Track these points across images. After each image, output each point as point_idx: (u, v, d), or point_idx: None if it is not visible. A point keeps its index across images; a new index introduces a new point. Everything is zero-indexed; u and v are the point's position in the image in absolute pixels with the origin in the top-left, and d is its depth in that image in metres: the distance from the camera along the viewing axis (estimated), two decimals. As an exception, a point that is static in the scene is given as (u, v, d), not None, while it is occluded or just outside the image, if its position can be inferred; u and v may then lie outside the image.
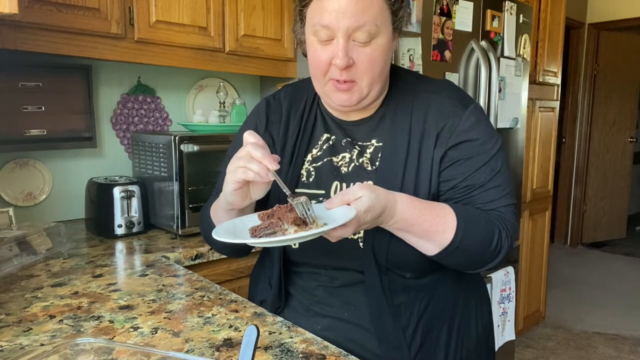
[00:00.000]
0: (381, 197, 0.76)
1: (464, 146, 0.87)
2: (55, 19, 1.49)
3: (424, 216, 0.81)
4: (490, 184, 0.87)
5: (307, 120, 0.98)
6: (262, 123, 1.01)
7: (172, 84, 2.14)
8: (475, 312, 1.00)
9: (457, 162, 0.87)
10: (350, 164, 0.93)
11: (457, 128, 0.87)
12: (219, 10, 1.89)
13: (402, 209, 0.79)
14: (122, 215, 1.64)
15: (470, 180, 0.87)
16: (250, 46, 2.02)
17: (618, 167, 5.14)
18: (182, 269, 1.31)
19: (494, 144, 0.89)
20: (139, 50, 1.71)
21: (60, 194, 1.84)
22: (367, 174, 0.91)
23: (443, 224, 0.81)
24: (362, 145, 0.93)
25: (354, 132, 0.95)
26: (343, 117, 0.95)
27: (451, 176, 0.88)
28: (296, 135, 0.97)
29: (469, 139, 0.87)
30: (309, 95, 1.00)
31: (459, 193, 0.88)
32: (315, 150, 0.97)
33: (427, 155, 0.88)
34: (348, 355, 0.79)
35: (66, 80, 1.75)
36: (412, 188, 0.87)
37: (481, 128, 0.89)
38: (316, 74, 0.87)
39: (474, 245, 0.84)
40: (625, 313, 3.41)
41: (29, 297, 1.07)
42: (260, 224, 0.74)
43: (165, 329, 0.91)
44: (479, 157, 0.87)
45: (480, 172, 0.87)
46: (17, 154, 1.74)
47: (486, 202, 0.87)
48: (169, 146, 1.66)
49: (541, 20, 2.85)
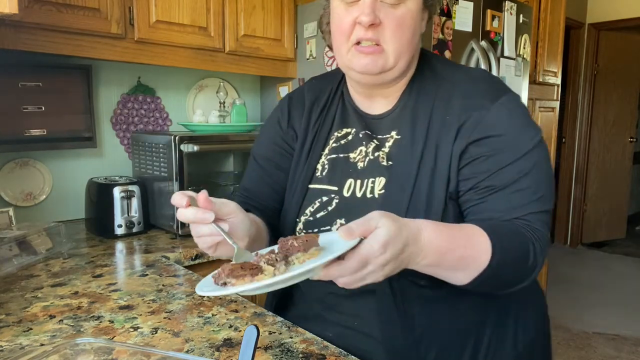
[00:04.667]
0: (403, 229, 0.61)
1: (489, 141, 0.76)
2: (55, 19, 1.48)
3: (456, 240, 0.68)
4: (515, 186, 0.75)
5: (328, 111, 0.93)
6: (285, 118, 0.97)
7: (172, 84, 2.14)
8: (513, 328, 0.86)
9: (479, 159, 0.77)
10: (365, 158, 0.87)
11: (483, 121, 0.77)
12: (219, 10, 1.89)
13: (429, 236, 0.65)
14: (122, 215, 1.64)
15: (493, 180, 0.76)
16: (250, 46, 2.02)
17: (618, 167, 5.13)
18: (182, 269, 1.31)
19: (529, 140, 0.76)
20: (139, 50, 1.71)
21: (60, 194, 1.84)
22: (382, 170, 0.84)
23: (476, 246, 0.69)
24: (381, 138, 0.86)
25: (375, 125, 0.88)
26: (366, 107, 0.89)
27: (471, 174, 0.77)
28: (316, 128, 0.93)
29: (496, 134, 0.76)
30: (333, 86, 0.95)
31: (479, 194, 0.77)
32: (332, 142, 0.91)
33: (445, 150, 0.78)
34: (348, 355, 0.79)
35: (66, 80, 1.75)
36: (427, 186, 0.78)
37: (514, 122, 0.77)
38: (339, 40, 0.80)
39: (510, 266, 0.72)
40: (625, 313, 3.41)
41: (29, 297, 1.07)
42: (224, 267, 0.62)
43: (165, 329, 0.91)
44: (505, 154, 0.75)
45: (505, 172, 0.75)
46: (17, 154, 1.74)
47: (508, 207, 0.75)
48: (169, 146, 1.66)
49: (541, 20, 2.85)
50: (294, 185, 0.92)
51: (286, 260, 0.62)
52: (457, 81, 0.83)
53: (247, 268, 0.60)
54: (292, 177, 0.93)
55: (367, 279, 0.61)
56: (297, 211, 0.90)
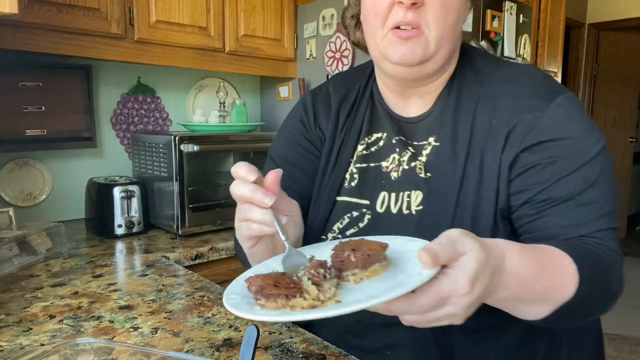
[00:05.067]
0: (490, 256, 0.49)
1: (546, 147, 0.66)
2: (55, 19, 1.48)
3: (543, 266, 0.55)
4: (582, 197, 0.63)
5: (356, 114, 0.83)
6: (310, 117, 0.86)
7: (172, 84, 2.14)
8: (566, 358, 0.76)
9: (534, 168, 0.66)
10: (399, 167, 0.77)
11: (537, 124, 0.66)
12: (219, 10, 1.89)
13: (513, 263, 0.51)
14: (122, 215, 1.64)
15: (551, 192, 0.64)
16: (250, 46, 2.02)
17: (618, 167, 5.13)
18: (182, 269, 1.31)
19: (593, 145, 0.66)
20: (139, 50, 1.71)
21: (60, 194, 1.84)
22: (419, 183, 0.74)
23: (562, 272, 0.57)
24: (418, 145, 0.76)
25: (410, 130, 0.78)
26: (400, 109, 0.79)
27: (525, 186, 0.66)
28: (344, 133, 0.82)
29: (554, 138, 0.65)
30: (361, 84, 0.85)
31: (535, 209, 0.66)
32: (361, 147, 0.81)
33: (492, 160, 0.68)
34: (348, 355, 0.79)
35: (66, 80, 1.75)
36: (472, 203, 0.68)
37: (574, 125, 0.66)
38: (374, 24, 0.70)
39: (595, 295, 0.60)
40: (625, 313, 3.40)
41: (29, 297, 1.07)
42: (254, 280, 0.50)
43: (165, 329, 0.91)
44: (566, 161, 0.65)
45: (568, 181, 0.64)
46: (17, 154, 1.73)
47: (573, 223, 0.64)
48: (169, 146, 1.66)
49: (541, 20, 2.85)
50: (320, 196, 0.82)
51: (339, 276, 0.50)
52: (503, 79, 0.72)
53: (283, 286, 0.47)
54: (318, 188, 0.83)
55: (443, 321, 0.48)
56: (323, 227, 0.80)
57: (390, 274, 0.50)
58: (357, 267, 0.49)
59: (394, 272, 0.50)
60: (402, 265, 0.50)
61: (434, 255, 0.44)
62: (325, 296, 0.47)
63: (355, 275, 0.50)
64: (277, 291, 0.46)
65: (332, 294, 0.47)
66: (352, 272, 0.50)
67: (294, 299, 0.47)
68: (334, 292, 0.48)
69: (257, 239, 0.64)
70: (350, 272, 0.50)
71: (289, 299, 0.46)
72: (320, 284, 0.47)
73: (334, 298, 0.47)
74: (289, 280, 0.48)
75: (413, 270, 0.47)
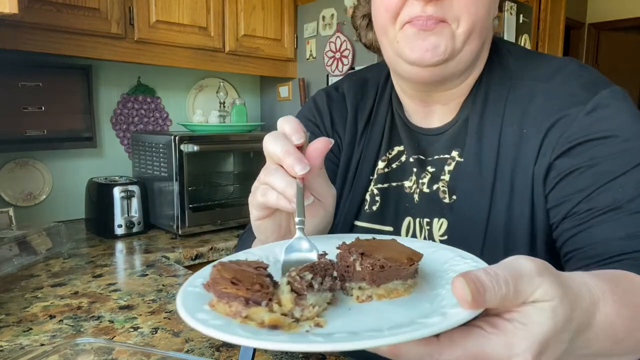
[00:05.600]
0: (576, 309, 0.34)
1: (585, 147, 0.54)
2: (55, 19, 1.48)
3: (637, 311, 0.40)
4: (633, 205, 0.51)
5: (374, 122, 0.72)
6: (326, 121, 0.74)
7: (172, 84, 2.14)
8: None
9: (571, 174, 0.55)
10: (417, 189, 0.67)
11: (574, 123, 0.55)
12: (219, 10, 1.89)
13: (607, 315, 0.37)
14: (122, 215, 1.64)
15: (596, 200, 0.52)
16: (250, 46, 2.02)
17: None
18: (182, 269, 1.31)
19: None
20: (139, 50, 1.71)
21: (60, 194, 1.84)
22: (442, 209, 0.64)
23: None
24: (438, 161, 0.66)
25: (430, 143, 0.67)
26: (419, 119, 0.68)
27: (563, 197, 0.55)
28: (362, 145, 0.71)
29: (595, 137, 0.54)
30: (379, 88, 0.74)
31: (577, 220, 0.54)
32: (382, 164, 0.70)
33: (524, 175, 0.58)
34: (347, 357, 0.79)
35: (66, 80, 1.75)
36: (503, 230, 0.58)
37: (621, 120, 0.55)
38: (383, 22, 0.60)
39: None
40: (625, 313, 3.40)
41: (29, 297, 1.07)
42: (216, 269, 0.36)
43: (165, 329, 0.91)
44: (612, 163, 0.53)
45: (615, 186, 0.52)
46: (17, 154, 1.73)
47: (628, 234, 0.50)
48: (169, 146, 1.66)
49: (541, 20, 2.86)
50: (335, 220, 0.68)
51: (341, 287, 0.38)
52: (537, 78, 0.61)
53: (245, 285, 0.33)
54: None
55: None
56: None
57: (414, 299, 0.36)
58: (363, 279, 0.37)
59: (420, 297, 0.36)
60: (437, 289, 0.36)
61: (476, 292, 0.29)
62: (303, 313, 0.33)
63: (363, 290, 0.37)
64: (233, 290, 0.33)
65: (312, 314, 0.34)
66: (359, 286, 0.37)
67: (255, 306, 0.33)
68: (315, 313, 0.34)
69: (269, 212, 0.51)
70: (356, 285, 0.37)
71: (248, 305, 0.33)
72: (301, 294, 0.34)
73: (315, 319, 0.34)
74: (256, 279, 0.33)
75: (447, 300, 0.33)
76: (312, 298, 0.34)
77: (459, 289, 0.29)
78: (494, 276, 0.30)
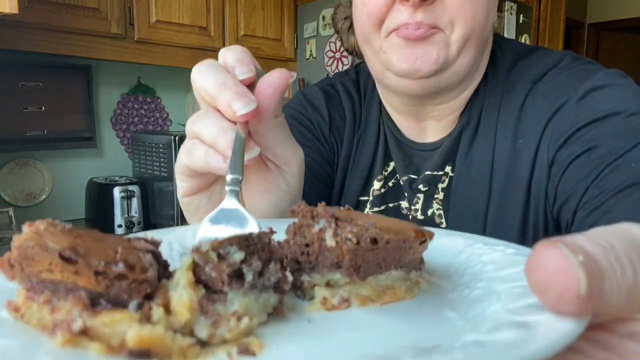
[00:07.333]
0: None
1: (582, 133, 0.48)
2: (55, 19, 1.48)
3: None
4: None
5: (365, 132, 0.63)
6: (325, 120, 0.63)
7: (172, 84, 2.14)
8: None
9: (572, 164, 0.48)
10: (409, 215, 0.60)
11: (564, 115, 0.50)
12: (219, 10, 1.89)
13: None
14: (122, 215, 1.64)
15: (607, 180, 0.45)
16: (250, 46, 2.02)
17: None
18: (182, 269, 1.31)
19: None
20: (139, 50, 1.71)
21: (60, 194, 1.84)
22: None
23: None
24: (432, 178, 0.58)
25: (422, 160, 0.60)
26: (415, 135, 0.60)
27: (566, 193, 0.48)
28: (355, 159, 0.63)
29: (591, 120, 0.48)
30: (367, 92, 0.65)
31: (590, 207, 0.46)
32: (378, 185, 0.61)
33: (518, 191, 0.52)
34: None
35: (66, 80, 1.75)
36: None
37: (622, 96, 0.49)
38: (367, 29, 0.52)
39: None
40: (625, 313, 3.40)
41: (29, 297, 1.07)
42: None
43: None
44: (615, 141, 0.46)
45: (626, 161, 0.45)
46: (17, 154, 1.73)
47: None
48: (169, 146, 1.66)
49: (541, 20, 2.85)
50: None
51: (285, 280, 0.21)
52: (529, 79, 0.55)
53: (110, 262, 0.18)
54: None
55: None
56: None
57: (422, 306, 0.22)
58: (338, 266, 0.22)
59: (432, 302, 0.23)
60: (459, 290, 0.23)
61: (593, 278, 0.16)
62: (217, 330, 0.19)
63: (334, 289, 0.22)
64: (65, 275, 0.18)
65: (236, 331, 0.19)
66: (327, 279, 0.22)
67: (111, 310, 0.18)
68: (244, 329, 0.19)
69: (200, 182, 0.38)
70: (323, 278, 0.22)
71: (95, 308, 0.18)
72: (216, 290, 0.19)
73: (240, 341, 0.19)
74: (121, 256, 0.19)
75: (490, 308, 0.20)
76: (238, 300, 0.19)
77: (562, 273, 0.16)
78: (609, 250, 0.17)
